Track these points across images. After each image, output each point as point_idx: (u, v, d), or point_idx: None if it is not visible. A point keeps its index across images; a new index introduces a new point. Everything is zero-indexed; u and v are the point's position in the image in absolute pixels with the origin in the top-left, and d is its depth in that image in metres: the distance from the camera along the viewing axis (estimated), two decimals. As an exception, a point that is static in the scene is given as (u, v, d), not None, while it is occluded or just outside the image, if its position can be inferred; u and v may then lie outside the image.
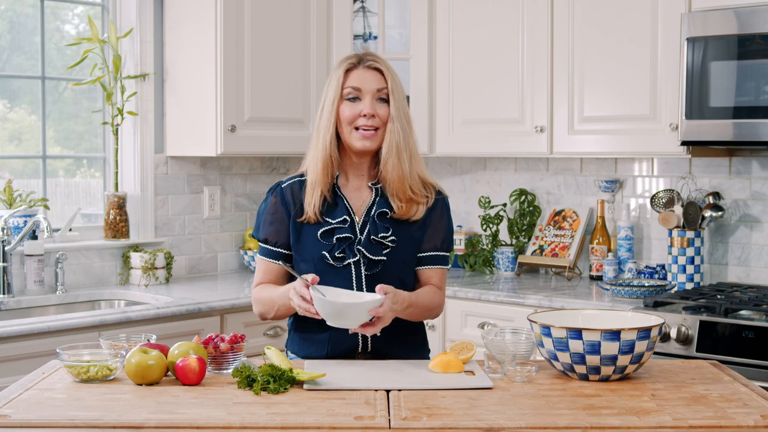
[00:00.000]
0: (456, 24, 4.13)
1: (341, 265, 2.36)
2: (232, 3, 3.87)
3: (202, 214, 4.28)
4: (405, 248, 2.41)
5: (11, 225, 3.61)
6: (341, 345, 2.38)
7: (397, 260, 2.39)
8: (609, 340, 2.02)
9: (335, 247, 2.37)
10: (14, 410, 1.86)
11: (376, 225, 2.39)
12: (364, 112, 2.34)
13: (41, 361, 2.85)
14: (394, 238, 2.39)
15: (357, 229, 2.39)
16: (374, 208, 2.40)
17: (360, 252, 2.37)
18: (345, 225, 2.38)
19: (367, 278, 2.37)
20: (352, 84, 2.36)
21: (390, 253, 2.38)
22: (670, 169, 3.94)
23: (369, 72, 2.37)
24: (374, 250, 2.37)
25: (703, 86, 3.35)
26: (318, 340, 2.40)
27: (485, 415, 1.83)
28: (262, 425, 1.78)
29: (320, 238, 2.37)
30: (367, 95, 2.35)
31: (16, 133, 3.89)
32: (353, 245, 2.37)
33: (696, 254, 3.68)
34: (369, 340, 2.38)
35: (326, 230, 2.37)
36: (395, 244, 2.38)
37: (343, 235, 2.37)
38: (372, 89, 2.36)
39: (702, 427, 1.79)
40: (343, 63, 2.40)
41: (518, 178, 4.39)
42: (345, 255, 2.36)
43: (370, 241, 2.37)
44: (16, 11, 3.86)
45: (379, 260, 2.37)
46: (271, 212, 2.44)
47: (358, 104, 2.36)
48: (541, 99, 3.88)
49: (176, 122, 4.07)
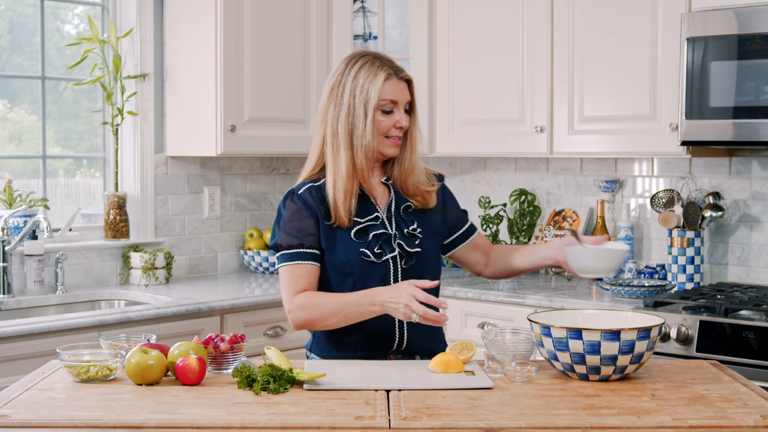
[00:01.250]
0: (456, 24, 4.13)
1: (381, 261, 2.38)
2: (232, 3, 3.87)
3: (202, 214, 4.28)
4: (430, 237, 2.47)
5: (11, 225, 3.61)
6: (376, 345, 2.39)
7: (426, 248, 2.45)
8: (609, 340, 2.02)
9: (371, 243, 2.38)
10: (14, 410, 1.86)
11: (404, 219, 2.44)
12: (400, 124, 2.40)
13: (41, 361, 2.86)
14: (420, 229, 2.44)
15: (386, 224, 2.42)
16: (394, 203, 2.45)
17: (399, 246, 2.40)
18: (377, 222, 2.40)
19: (403, 271, 2.40)
20: (389, 96, 2.37)
21: (420, 244, 2.43)
22: (670, 169, 3.94)
23: (402, 84, 2.41)
24: (410, 243, 2.42)
25: (703, 86, 3.35)
26: (351, 342, 2.40)
27: (485, 415, 1.83)
28: (262, 425, 1.78)
29: (354, 237, 2.37)
30: (400, 107, 2.40)
31: (16, 133, 3.89)
32: (390, 240, 2.40)
33: (696, 254, 3.68)
34: (405, 337, 2.39)
35: (360, 228, 2.38)
36: (422, 234, 2.44)
37: (379, 232, 2.39)
38: (404, 101, 2.41)
39: (702, 427, 1.79)
40: (379, 70, 2.38)
41: (518, 178, 4.39)
42: (383, 251, 2.38)
43: (404, 234, 2.42)
44: (16, 11, 3.86)
45: (415, 252, 2.41)
46: (295, 218, 2.38)
47: (393, 116, 2.39)
48: (541, 99, 3.88)
49: (176, 122, 4.07)
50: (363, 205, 2.41)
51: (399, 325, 2.39)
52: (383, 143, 2.40)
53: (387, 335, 2.38)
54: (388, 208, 2.44)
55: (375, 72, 2.37)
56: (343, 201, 2.36)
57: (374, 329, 2.36)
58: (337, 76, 2.41)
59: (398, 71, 2.40)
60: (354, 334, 2.38)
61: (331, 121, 2.38)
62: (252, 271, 4.34)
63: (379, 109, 2.37)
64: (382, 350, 2.39)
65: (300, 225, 2.37)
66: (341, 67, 2.43)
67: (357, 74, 2.38)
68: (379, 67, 2.38)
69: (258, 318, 3.66)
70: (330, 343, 2.43)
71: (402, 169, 2.46)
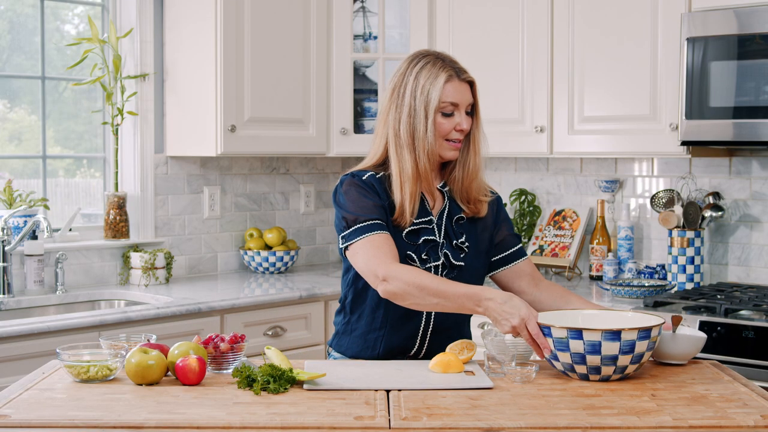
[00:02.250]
0: (456, 24, 4.13)
1: (424, 268, 2.34)
2: (232, 3, 3.87)
3: (202, 214, 4.28)
4: (476, 253, 2.41)
5: (11, 225, 3.61)
6: (396, 345, 2.38)
7: (470, 266, 2.40)
8: (610, 340, 2.02)
9: (420, 248, 2.34)
10: (14, 410, 1.86)
11: (454, 229, 2.39)
12: (461, 127, 2.34)
13: (41, 361, 2.86)
14: (468, 244, 2.40)
15: (436, 232, 2.38)
16: (447, 211, 2.40)
17: (445, 255, 2.36)
18: (429, 226, 2.36)
19: None
20: (449, 99, 2.32)
21: (465, 258, 2.39)
22: (670, 169, 3.94)
23: (463, 85, 2.35)
24: (456, 255, 2.37)
25: (703, 86, 3.35)
26: (371, 339, 2.39)
27: (485, 415, 1.83)
28: (262, 425, 1.78)
29: (405, 237, 2.34)
30: (461, 109, 2.35)
31: (16, 133, 3.89)
32: (438, 248, 2.36)
33: (696, 254, 3.68)
34: (426, 343, 2.38)
35: (412, 230, 2.35)
36: (469, 249, 2.39)
37: (429, 237, 2.35)
38: (466, 104, 2.35)
39: (702, 427, 1.79)
40: (440, 71, 2.33)
41: (518, 178, 4.39)
42: (429, 257, 2.35)
43: (452, 245, 2.37)
44: (16, 11, 3.86)
45: (458, 265, 2.37)
46: (368, 195, 2.31)
47: (453, 118, 2.34)
48: (541, 99, 3.88)
49: (176, 122, 4.07)
50: (419, 207, 2.37)
51: (422, 334, 2.38)
52: (443, 146, 2.34)
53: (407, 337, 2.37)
54: (440, 215, 2.39)
55: (436, 73, 2.33)
56: (409, 202, 2.32)
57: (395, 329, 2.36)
58: (399, 77, 2.36)
59: (460, 72, 2.35)
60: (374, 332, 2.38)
61: (393, 123, 2.35)
62: (252, 271, 4.34)
63: (439, 111, 2.32)
64: (401, 352, 2.39)
65: (374, 202, 2.31)
66: (403, 66, 2.37)
67: (418, 75, 2.33)
68: (440, 68, 2.34)
69: (258, 318, 3.66)
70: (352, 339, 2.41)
71: (465, 172, 2.38)
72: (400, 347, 2.39)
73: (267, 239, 4.32)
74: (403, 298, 2.22)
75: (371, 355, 2.40)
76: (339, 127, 4.21)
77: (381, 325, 2.38)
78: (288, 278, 4.11)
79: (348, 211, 2.30)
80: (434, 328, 2.39)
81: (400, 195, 2.31)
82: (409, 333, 2.38)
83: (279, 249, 4.26)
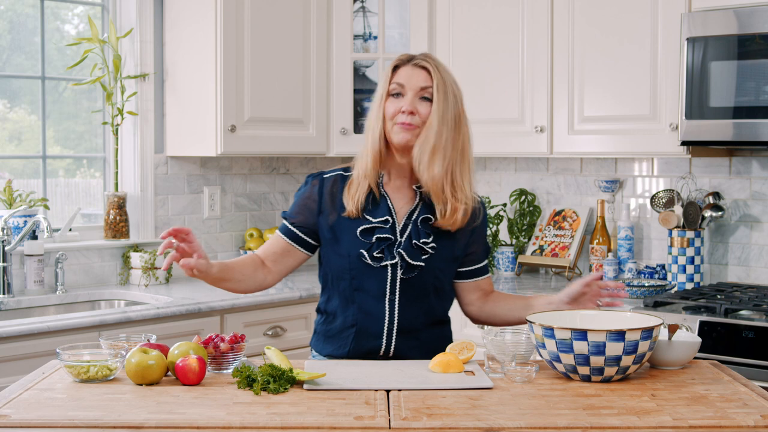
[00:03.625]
0: (456, 24, 4.13)
1: (378, 266, 2.35)
2: (232, 3, 3.87)
3: (202, 214, 4.28)
4: (444, 256, 2.40)
5: (11, 225, 3.61)
6: (365, 345, 2.39)
7: (434, 267, 2.39)
8: (614, 340, 2.02)
9: (374, 246, 2.35)
10: (14, 410, 1.86)
11: (419, 230, 2.38)
12: (403, 108, 2.33)
13: (41, 361, 2.86)
14: (434, 245, 2.38)
15: (397, 231, 2.38)
16: (417, 212, 2.40)
17: (399, 255, 2.36)
18: (386, 225, 2.37)
19: (401, 282, 2.37)
20: (397, 80, 2.35)
21: (428, 260, 2.38)
22: (670, 169, 3.94)
23: (416, 70, 2.36)
24: (413, 255, 2.36)
25: (703, 86, 3.35)
26: (341, 338, 2.41)
27: (485, 415, 1.83)
28: (262, 425, 1.78)
29: (359, 235, 2.36)
30: (409, 92, 2.34)
31: (16, 133, 3.89)
32: (393, 247, 2.36)
33: (696, 254, 3.68)
34: (392, 345, 2.39)
35: (366, 228, 2.36)
36: (434, 251, 2.38)
37: (383, 236, 2.36)
38: (415, 87, 2.34)
39: (702, 427, 1.79)
40: (393, 60, 2.41)
41: (518, 178, 4.39)
42: (383, 256, 2.35)
43: (411, 245, 2.36)
44: (16, 11, 3.86)
45: (417, 265, 2.36)
46: (305, 197, 2.44)
47: (401, 100, 2.34)
48: (541, 99, 3.88)
49: (176, 122, 4.07)
50: (378, 206, 2.38)
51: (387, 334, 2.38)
52: (393, 129, 2.35)
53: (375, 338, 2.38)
54: (408, 216, 2.39)
55: (391, 62, 2.40)
56: (356, 189, 2.37)
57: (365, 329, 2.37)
58: None
59: (415, 58, 2.37)
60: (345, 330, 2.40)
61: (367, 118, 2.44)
62: (252, 271, 4.34)
63: (390, 95, 2.36)
64: (370, 352, 2.39)
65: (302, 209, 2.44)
66: None
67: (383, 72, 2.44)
68: (397, 58, 2.40)
69: (258, 318, 3.66)
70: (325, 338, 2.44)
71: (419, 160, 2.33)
72: (369, 347, 2.39)
73: (267, 239, 4.31)
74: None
75: (341, 354, 2.40)
76: (339, 127, 4.21)
77: (351, 324, 2.39)
78: (288, 278, 4.11)
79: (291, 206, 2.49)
80: (399, 328, 2.38)
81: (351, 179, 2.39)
82: (375, 332, 2.38)
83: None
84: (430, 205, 2.40)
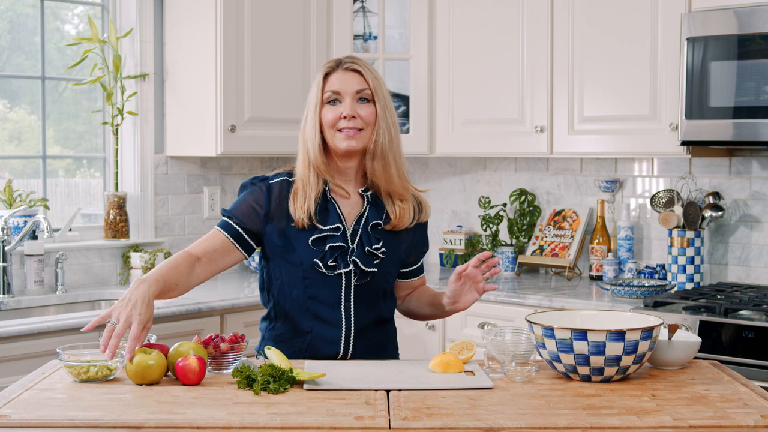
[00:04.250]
0: (456, 24, 4.13)
1: (332, 274, 2.34)
2: (232, 3, 3.87)
3: (202, 214, 4.28)
4: (393, 260, 2.41)
5: (11, 225, 3.61)
6: (321, 350, 2.37)
7: (385, 271, 2.40)
8: (614, 340, 2.02)
9: (327, 255, 2.33)
10: (14, 410, 1.86)
11: (369, 236, 2.37)
12: (344, 114, 2.30)
13: (41, 361, 2.86)
14: (384, 250, 2.38)
15: (348, 237, 2.36)
16: (365, 217, 2.38)
17: (354, 263, 2.35)
18: (337, 233, 2.34)
19: (356, 288, 2.36)
20: (331, 87, 2.33)
21: (380, 264, 2.38)
22: (670, 169, 3.94)
23: (348, 74, 2.33)
24: (367, 262, 2.36)
25: (703, 86, 3.35)
26: (295, 343, 2.38)
27: (485, 415, 1.83)
28: (262, 425, 1.78)
29: (311, 244, 2.33)
30: (347, 97, 2.32)
31: (16, 133, 3.89)
32: (346, 255, 2.34)
33: (696, 254, 3.68)
34: (351, 349, 2.38)
35: (318, 237, 2.33)
36: (385, 255, 2.38)
37: (336, 244, 2.33)
38: (351, 90, 2.32)
39: (702, 427, 1.79)
40: (323, 68, 2.38)
41: (518, 178, 4.39)
42: (337, 264, 2.33)
43: (364, 251, 2.35)
44: (16, 11, 3.86)
45: (371, 271, 2.36)
46: (252, 200, 2.36)
47: (339, 106, 2.32)
48: (541, 99, 3.88)
49: (176, 122, 4.07)
50: (327, 213, 2.35)
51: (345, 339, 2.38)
52: (336, 137, 2.33)
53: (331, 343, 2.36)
54: (357, 221, 2.37)
55: (321, 70, 2.37)
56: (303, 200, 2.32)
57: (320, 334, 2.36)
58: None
59: (344, 63, 2.34)
60: (299, 337, 2.38)
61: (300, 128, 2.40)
62: (252, 271, 4.34)
63: (325, 103, 2.33)
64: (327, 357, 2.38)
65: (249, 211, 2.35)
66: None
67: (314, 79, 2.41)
68: (326, 64, 2.37)
69: (258, 318, 3.65)
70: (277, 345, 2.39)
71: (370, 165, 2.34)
72: (326, 353, 2.37)
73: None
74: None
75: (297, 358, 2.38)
76: (339, 127, 4.21)
77: (306, 331, 2.37)
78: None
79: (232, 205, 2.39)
80: (355, 332, 2.38)
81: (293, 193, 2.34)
82: (332, 338, 2.36)
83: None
84: (377, 208, 2.39)
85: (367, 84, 2.33)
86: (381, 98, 2.33)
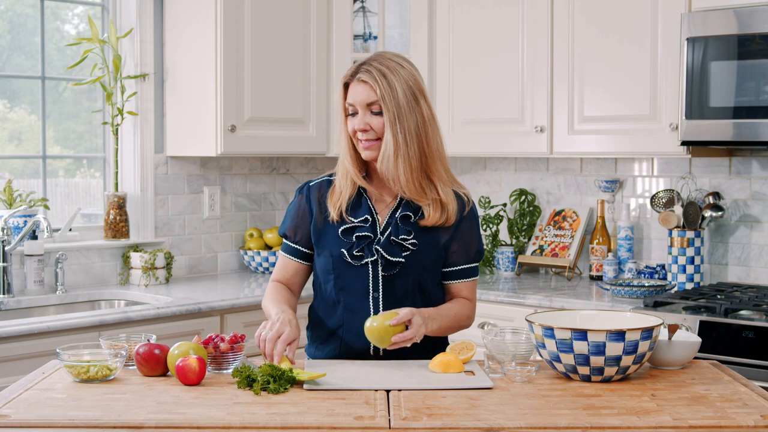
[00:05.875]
0: (456, 24, 4.13)
1: (359, 264, 2.37)
2: (232, 3, 3.87)
3: (202, 214, 4.28)
4: (426, 253, 2.39)
5: (11, 225, 3.61)
6: (354, 345, 2.38)
7: (416, 264, 2.38)
8: (614, 340, 2.02)
9: (354, 245, 2.37)
10: (14, 410, 1.86)
11: (398, 227, 2.38)
12: (355, 128, 2.34)
13: (41, 361, 2.86)
14: (415, 242, 2.37)
15: (378, 229, 2.39)
16: (399, 210, 2.40)
17: (378, 252, 2.36)
18: (366, 224, 2.38)
19: (384, 279, 2.37)
20: (349, 101, 2.36)
21: (409, 256, 2.37)
22: (670, 169, 3.94)
23: (359, 86, 2.34)
24: (393, 251, 2.36)
25: (703, 86, 3.35)
26: (331, 341, 2.42)
27: (485, 415, 1.83)
28: (262, 425, 1.78)
29: (341, 235, 2.38)
30: (360, 109, 2.34)
31: (16, 133, 3.89)
32: (372, 244, 2.37)
33: (696, 254, 3.68)
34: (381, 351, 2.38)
35: (347, 228, 2.38)
36: (416, 247, 2.37)
37: (363, 234, 2.37)
38: (362, 104, 2.33)
39: (702, 427, 1.79)
40: (342, 78, 2.40)
41: (518, 178, 4.39)
42: (363, 254, 2.37)
43: (390, 241, 2.37)
44: (16, 11, 3.86)
45: (397, 261, 2.36)
46: (295, 210, 2.47)
47: (356, 118, 2.35)
48: (541, 99, 3.88)
49: (176, 122, 4.07)
50: (359, 206, 2.41)
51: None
52: (359, 146, 2.38)
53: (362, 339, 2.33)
54: (391, 214, 2.40)
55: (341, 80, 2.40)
56: (337, 198, 2.40)
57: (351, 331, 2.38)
58: None
59: (356, 73, 2.35)
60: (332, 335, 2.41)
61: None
62: (252, 271, 4.34)
63: (347, 115, 2.38)
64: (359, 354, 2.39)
65: (297, 223, 2.47)
66: None
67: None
68: (345, 75, 2.39)
69: (258, 318, 3.66)
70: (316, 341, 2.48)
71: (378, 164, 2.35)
72: (358, 347, 2.38)
73: (267, 239, 4.32)
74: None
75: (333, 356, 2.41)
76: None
77: (338, 325, 2.40)
78: (288, 278, 4.11)
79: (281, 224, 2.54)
80: None
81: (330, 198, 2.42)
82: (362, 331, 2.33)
83: (279, 249, 4.26)
84: (413, 205, 2.40)
85: (376, 96, 2.32)
86: (391, 108, 2.31)
